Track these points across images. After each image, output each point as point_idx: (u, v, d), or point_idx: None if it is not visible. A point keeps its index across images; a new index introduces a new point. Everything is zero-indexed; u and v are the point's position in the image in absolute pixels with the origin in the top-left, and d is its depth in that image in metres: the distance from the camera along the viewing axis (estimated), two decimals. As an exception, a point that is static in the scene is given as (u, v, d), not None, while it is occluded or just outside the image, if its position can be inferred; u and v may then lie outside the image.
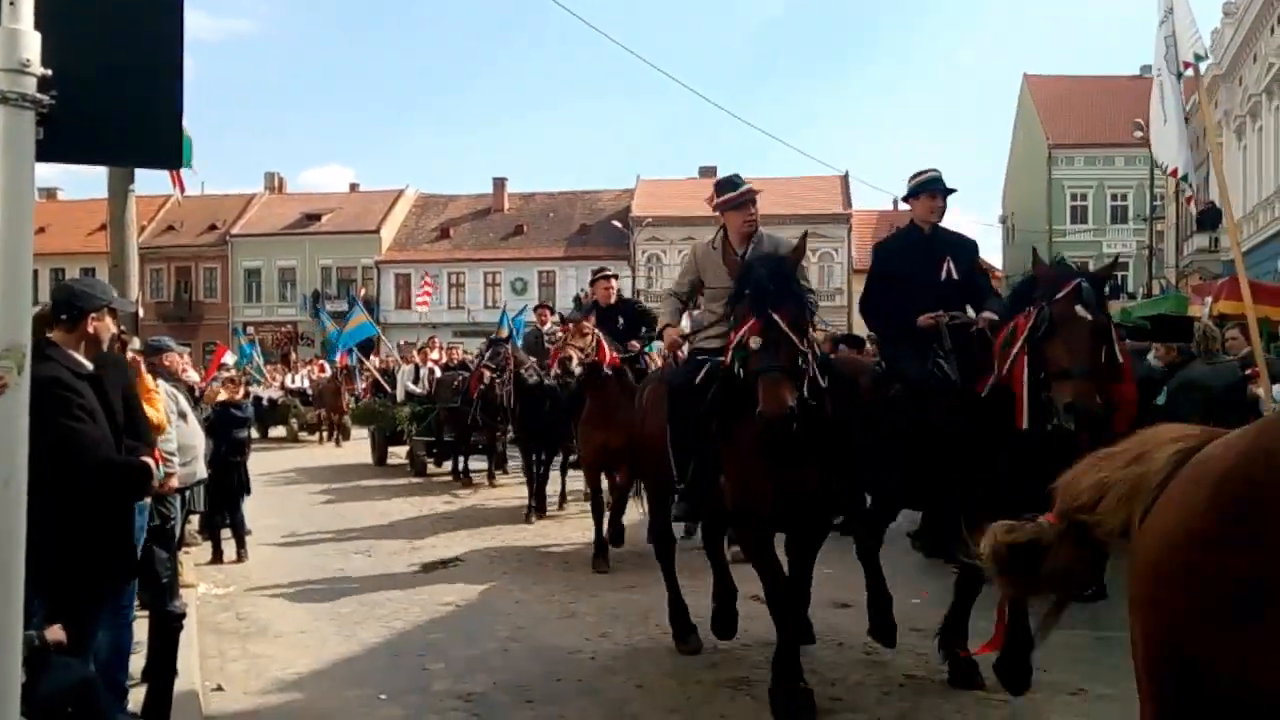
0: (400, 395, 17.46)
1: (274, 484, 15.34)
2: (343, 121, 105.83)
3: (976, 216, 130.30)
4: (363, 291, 53.02)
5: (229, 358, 28.41)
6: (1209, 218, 31.34)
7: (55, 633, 3.57)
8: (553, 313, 14.17)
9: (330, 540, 11.00)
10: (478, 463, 15.99)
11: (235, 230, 55.59)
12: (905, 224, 6.55)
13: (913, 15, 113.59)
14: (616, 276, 11.33)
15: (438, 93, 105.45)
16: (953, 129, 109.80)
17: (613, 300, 10.59)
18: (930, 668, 5.97)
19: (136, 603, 5.05)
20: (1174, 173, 8.27)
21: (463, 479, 15.31)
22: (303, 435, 26.18)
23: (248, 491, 9.70)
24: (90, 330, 4.08)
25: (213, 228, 55.52)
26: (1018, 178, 56.24)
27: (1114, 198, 47.90)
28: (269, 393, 26.36)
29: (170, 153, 2.81)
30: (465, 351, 19.71)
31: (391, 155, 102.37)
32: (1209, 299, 12.16)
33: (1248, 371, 7.41)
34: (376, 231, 54.83)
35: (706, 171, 56.82)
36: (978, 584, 5.41)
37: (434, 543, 10.68)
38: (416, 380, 17.49)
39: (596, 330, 9.28)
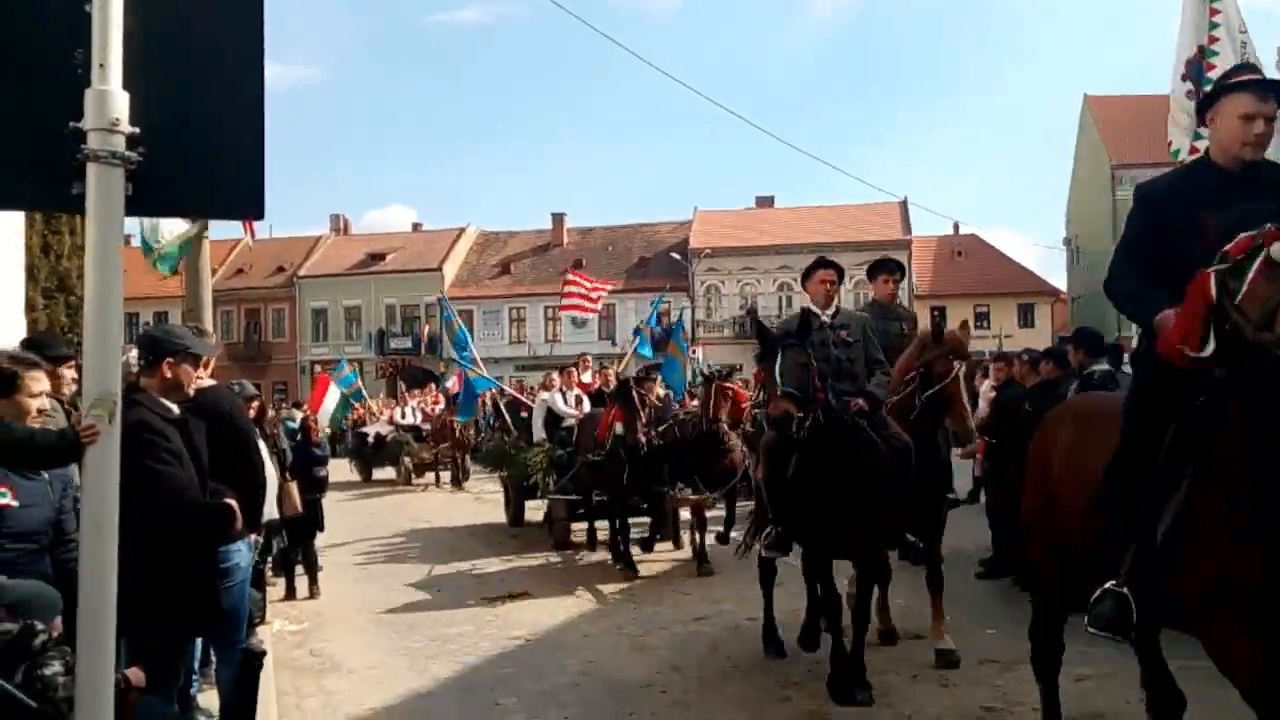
0: (537, 433, 13.06)
1: (343, 516, 15.50)
2: (404, 163, 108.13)
3: (1040, 238, 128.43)
4: (427, 329, 53.85)
5: (333, 393, 27.38)
6: None
7: (135, 674, 3.66)
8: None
9: (399, 574, 11.11)
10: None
11: (302, 272, 56.70)
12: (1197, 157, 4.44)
13: (967, 38, 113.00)
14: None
15: (495, 132, 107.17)
16: (1012, 152, 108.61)
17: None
18: (1008, 699, 5.87)
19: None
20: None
21: (622, 561, 10.78)
22: (415, 478, 23.02)
23: (321, 529, 9.84)
24: (167, 375, 4.19)
25: (280, 269, 56.69)
26: (1081, 199, 55.46)
27: (1181, 216, 46.95)
28: (376, 428, 24.51)
29: (252, 203, 2.90)
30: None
31: (452, 194, 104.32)
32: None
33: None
34: (439, 269, 55.56)
35: (763, 201, 57.02)
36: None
37: (501, 576, 10.75)
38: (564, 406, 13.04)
39: None
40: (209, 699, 5.45)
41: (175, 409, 4.24)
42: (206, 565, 4.28)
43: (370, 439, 24.24)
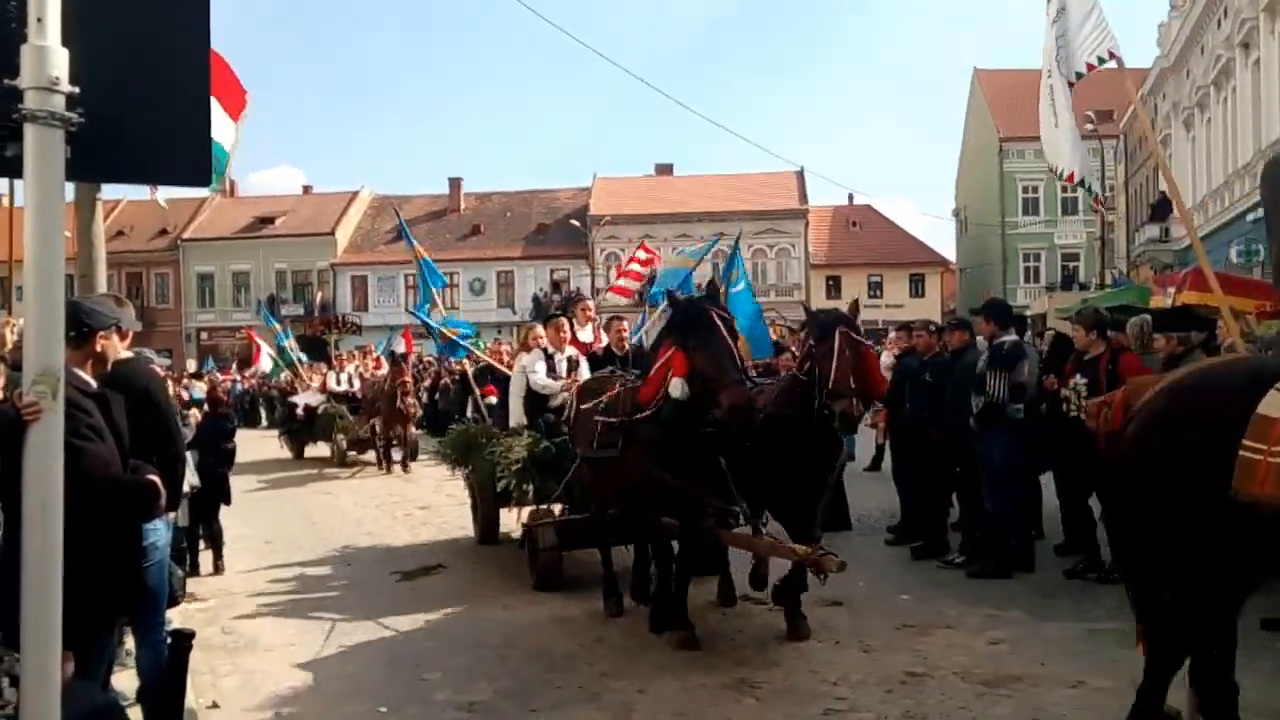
0: (515, 416, 9.38)
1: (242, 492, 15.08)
2: (292, 121, 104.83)
3: (929, 209, 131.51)
4: (319, 295, 52.62)
5: (265, 359, 26.15)
6: (1161, 208, 31.94)
7: (65, 659, 3.50)
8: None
9: (307, 549, 10.87)
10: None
11: (186, 235, 54.81)
12: None
13: (860, 12, 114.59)
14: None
15: (387, 91, 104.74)
16: (905, 124, 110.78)
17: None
18: (929, 664, 6.03)
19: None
20: (1070, 178, 8.05)
21: (675, 627, 6.75)
22: (358, 455, 19.56)
23: (227, 502, 9.56)
24: (98, 349, 4.00)
25: (163, 233, 54.68)
26: (970, 171, 56.95)
27: (1064, 189, 48.51)
28: (306, 398, 20.96)
29: (199, 171, 2.76)
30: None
31: (343, 156, 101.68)
32: (1171, 290, 12.37)
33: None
34: (332, 234, 54.34)
35: (663, 169, 57.11)
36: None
37: (412, 550, 10.61)
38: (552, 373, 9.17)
39: None
40: (122, 680, 5.26)
41: (94, 383, 4.04)
42: (131, 543, 4.11)
43: (300, 410, 20.84)
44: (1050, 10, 7.46)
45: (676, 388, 6.05)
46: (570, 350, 9.24)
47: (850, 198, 55.44)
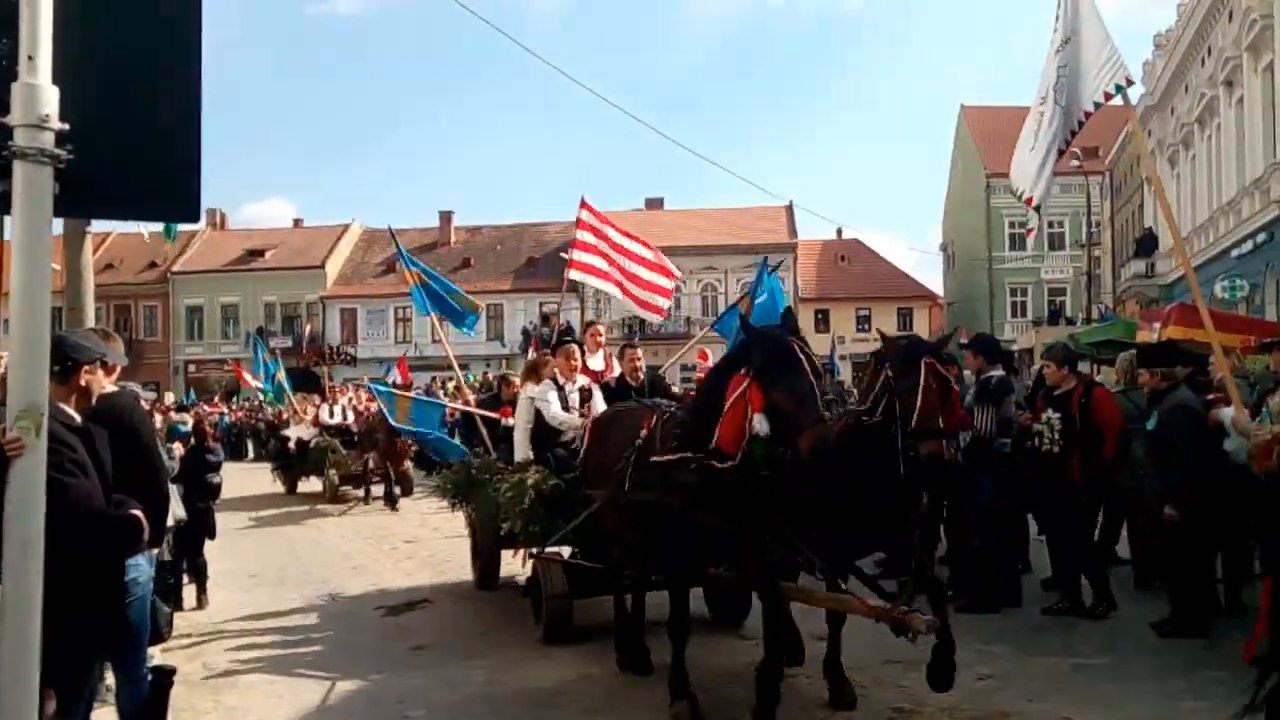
0: (520, 451, 8.49)
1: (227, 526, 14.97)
2: (284, 156, 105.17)
3: (917, 244, 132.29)
4: (308, 328, 52.53)
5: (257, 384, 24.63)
6: (1146, 243, 32.19)
7: (46, 697, 3.47)
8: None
9: (291, 584, 10.80)
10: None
11: (176, 267, 54.80)
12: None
13: (849, 48, 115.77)
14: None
15: (379, 126, 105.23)
16: (893, 159, 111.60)
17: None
18: (916, 700, 6.00)
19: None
20: (1028, 200, 8.02)
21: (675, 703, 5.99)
22: (352, 490, 18.79)
23: (212, 536, 9.50)
24: (83, 383, 3.99)
25: (153, 265, 54.67)
26: (957, 206, 57.36)
27: (1051, 225, 48.95)
28: (298, 431, 20.28)
29: (187, 205, 2.77)
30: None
31: (335, 189, 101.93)
32: (1157, 325, 12.45)
33: (1209, 397, 7.58)
34: (321, 267, 54.36)
35: (653, 203, 57.34)
36: None
37: (398, 584, 10.54)
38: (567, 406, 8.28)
39: None
40: (102, 717, 5.20)
41: (78, 417, 4.03)
42: (114, 580, 4.08)
43: (292, 444, 20.19)
44: (1055, 39, 7.50)
45: (761, 425, 5.20)
46: (582, 380, 8.42)
47: (839, 232, 55.81)
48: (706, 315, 44.94)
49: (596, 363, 9.15)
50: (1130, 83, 7.19)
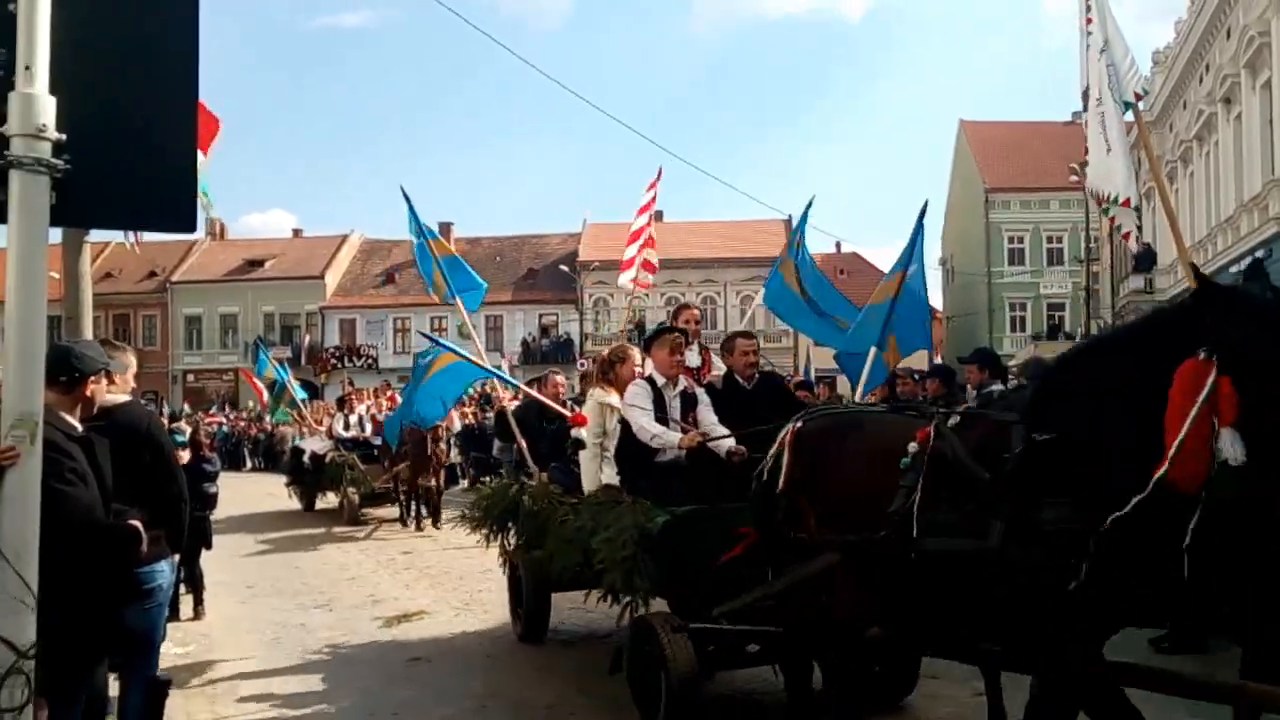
0: (591, 479, 6.83)
1: (225, 536, 14.88)
2: (287, 167, 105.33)
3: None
4: (307, 338, 52.54)
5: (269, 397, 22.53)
6: (1145, 259, 32.24)
7: (39, 706, 3.46)
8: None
9: (288, 594, 10.77)
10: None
11: (176, 277, 54.85)
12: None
13: (851, 63, 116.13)
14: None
15: (382, 137, 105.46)
16: (891, 173, 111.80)
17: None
18: (915, 715, 5.98)
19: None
20: (1126, 202, 7.93)
21: None
22: (365, 511, 17.05)
23: (208, 546, 9.48)
24: (88, 394, 4.01)
25: (152, 274, 54.71)
26: (956, 221, 57.39)
27: (1050, 240, 49.08)
28: (313, 444, 18.43)
29: (183, 215, 2.78)
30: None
31: (335, 200, 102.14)
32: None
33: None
34: (321, 277, 54.42)
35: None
36: None
37: (395, 595, 10.52)
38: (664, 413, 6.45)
39: None
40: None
41: (79, 427, 4.04)
42: (110, 589, 4.07)
43: (307, 458, 18.39)
44: (1093, 41, 7.49)
45: (1233, 447, 3.26)
46: (683, 382, 6.58)
47: (838, 245, 55.71)
48: (705, 327, 44.92)
49: (692, 358, 7.14)
50: (1142, 94, 7.23)
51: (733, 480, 5.79)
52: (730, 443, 6.14)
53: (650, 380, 6.48)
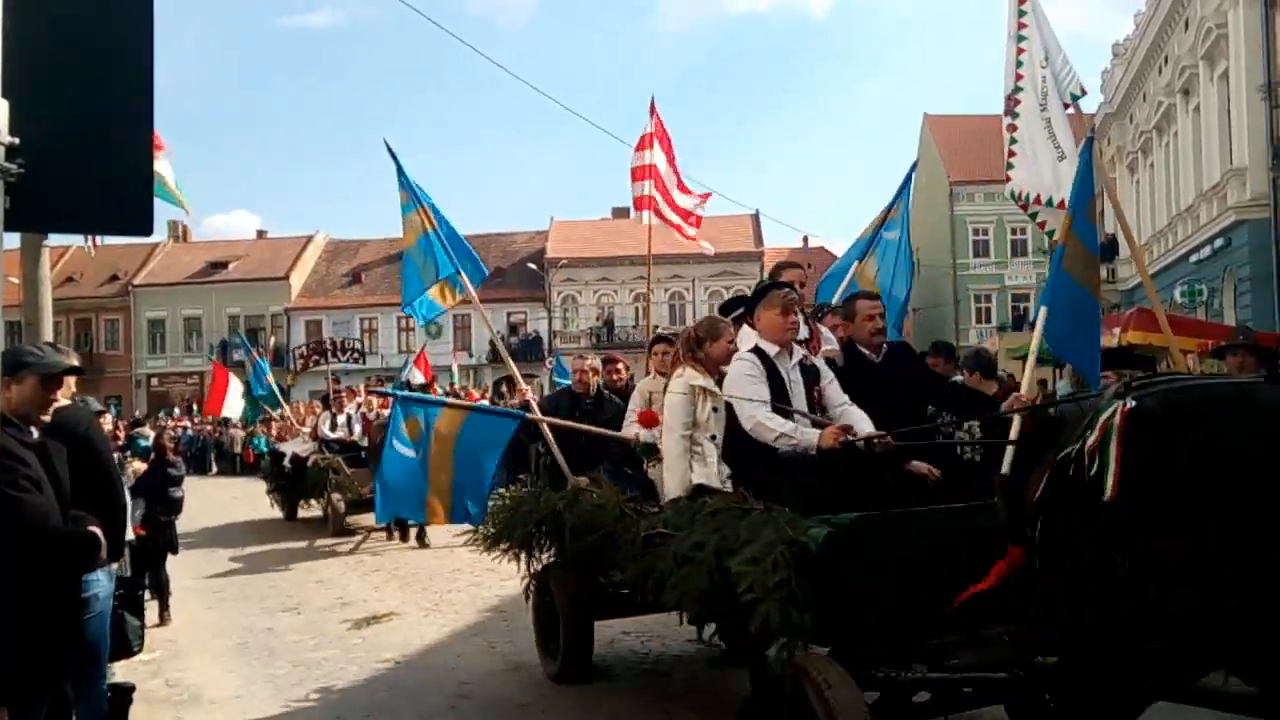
0: (674, 483, 5.19)
1: (191, 541, 14.73)
2: (250, 167, 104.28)
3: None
4: (273, 340, 52.02)
5: (236, 386, 20.91)
6: (1106, 250, 32.58)
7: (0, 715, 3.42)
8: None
9: (255, 598, 10.69)
10: None
11: (138, 280, 54.21)
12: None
13: (815, 58, 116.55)
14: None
15: (345, 136, 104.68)
16: (857, 168, 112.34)
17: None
18: None
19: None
20: (1061, 204, 7.94)
21: None
22: (353, 520, 15.40)
23: (174, 551, 9.40)
24: (49, 395, 3.95)
25: (114, 278, 54.03)
26: (920, 214, 57.53)
27: (1014, 232, 49.50)
28: (294, 446, 17.16)
29: (139, 218, 2.75)
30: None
31: (300, 201, 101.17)
32: (1117, 329, 12.62)
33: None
34: (286, 278, 53.97)
35: (619, 212, 57.33)
36: None
37: (364, 597, 10.47)
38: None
39: None
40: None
41: (35, 432, 3.98)
42: (67, 597, 4.02)
43: (287, 461, 16.90)
44: (1037, 50, 7.54)
45: None
46: (799, 352, 5.28)
47: (804, 240, 56.03)
48: (676, 323, 44.97)
49: (827, 337, 6.03)
50: (1083, 93, 7.30)
51: (892, 475, 4.68)
52: (867, 425, 4.89)
53: (758, 351, 5.09)
